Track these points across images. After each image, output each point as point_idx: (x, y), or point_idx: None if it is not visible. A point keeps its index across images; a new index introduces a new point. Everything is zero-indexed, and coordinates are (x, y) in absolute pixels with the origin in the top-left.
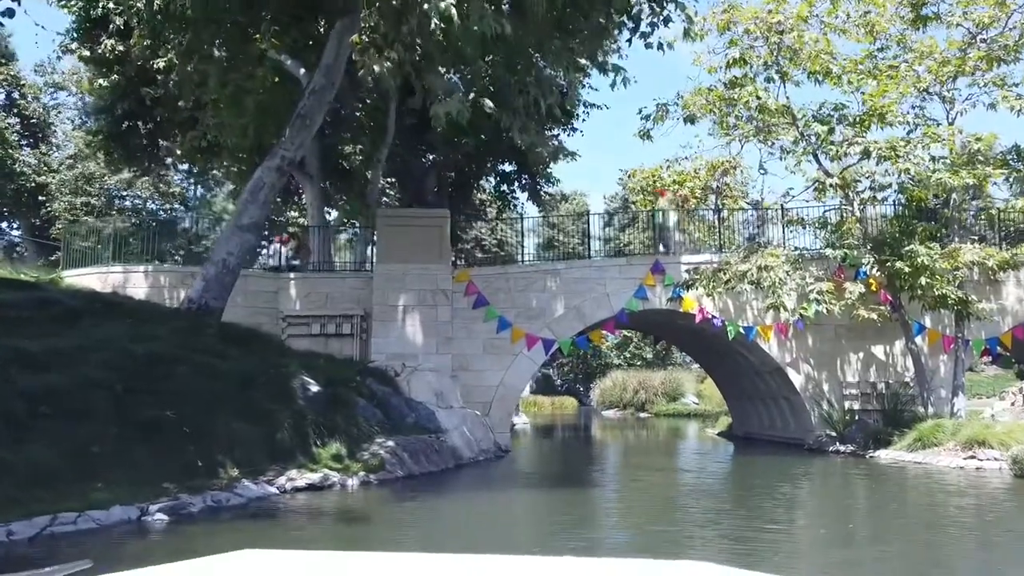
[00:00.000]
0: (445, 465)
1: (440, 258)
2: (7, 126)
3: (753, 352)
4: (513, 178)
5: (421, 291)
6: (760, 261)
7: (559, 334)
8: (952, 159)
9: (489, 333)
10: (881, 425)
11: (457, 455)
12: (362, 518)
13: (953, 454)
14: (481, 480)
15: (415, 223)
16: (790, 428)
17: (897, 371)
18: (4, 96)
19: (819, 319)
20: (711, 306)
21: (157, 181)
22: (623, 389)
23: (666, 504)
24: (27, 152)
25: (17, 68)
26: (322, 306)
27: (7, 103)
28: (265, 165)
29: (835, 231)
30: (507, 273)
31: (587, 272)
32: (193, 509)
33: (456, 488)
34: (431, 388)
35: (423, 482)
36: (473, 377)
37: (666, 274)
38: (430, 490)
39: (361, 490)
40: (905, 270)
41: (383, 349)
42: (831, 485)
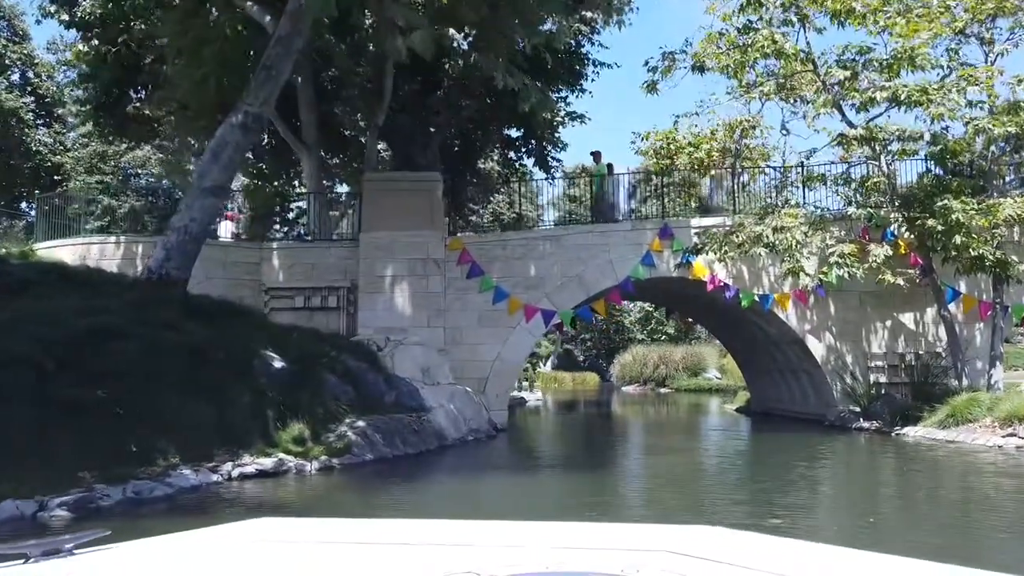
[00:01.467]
0: (426, 447)
1: (432, 225)
2: (21, 105)
3: (770, 322)
4: (520, 144)
5: (411, 260)
6: (776, 222)
7: (560, 305)
8: (991, 103)
9: (485, 304)
10: (909, 400)
11: (441, 435)
12: (301, 510)
13: (990, 431)
14: (461, 463)
15: (404, 188)
16: (810, 403)
17: (928, 341)
18: (19, 75)
19: (842, 286)
20: (724, 273)
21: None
22: (643, 364)
23: (668, 492)
24: (43, 132)
25: (31, 47)
26: (307, 278)
27: (21, 82)
28: (228, 122)
29: (860, 187)
30: (504, 240)
31: (589, 238)
32: (106, 502)
33: (429, 473)
34: (416, 363)
35: (395, 466)
36: (467, 351)
37: (675, 239)
38: (398, 475)
39: (320, 476)
40: (938, 228)
41: (370, 323)
42: (855, 466)
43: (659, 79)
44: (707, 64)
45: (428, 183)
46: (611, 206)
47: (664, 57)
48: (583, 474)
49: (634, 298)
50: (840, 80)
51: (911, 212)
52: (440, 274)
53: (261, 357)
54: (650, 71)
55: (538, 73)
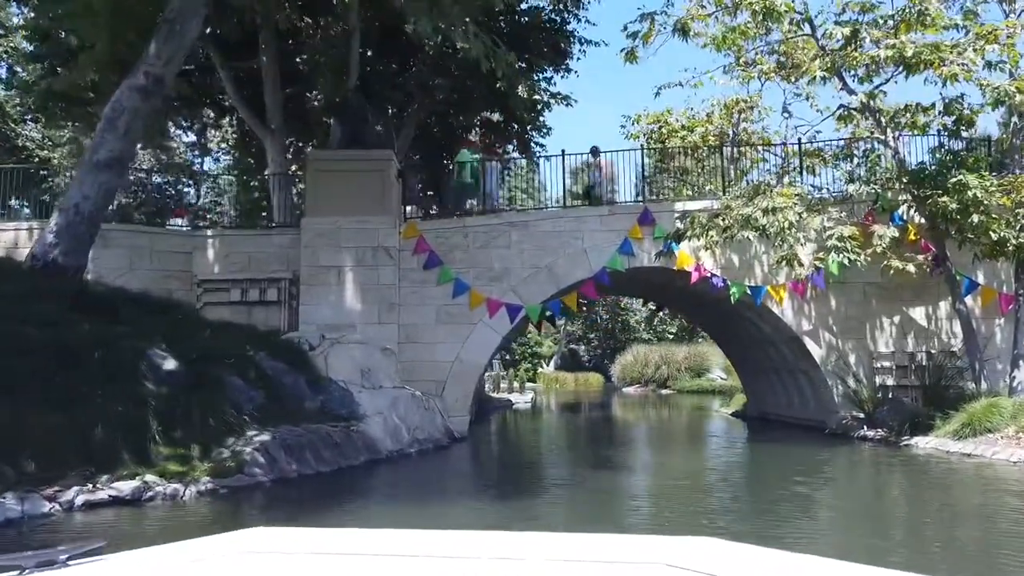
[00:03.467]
0: (349, 462)
1: (383, 209)
2: (6, 99)
3: (764, 318)
4: (502, 128)
5: (359, 249)
6: (767, 203)
7: (527, 299)
8: (1012, 64)
9: (443, 298)
10: (920, 405)
11: (372, 448)
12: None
13: (1014, 443)
14: (380, 484)
15: (352, 168)
16: (809, 408)
17: (941, 338)
18: (6, 69)
19: (843, 276)
20: (712, 263)
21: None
22: (644, 364)
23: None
24: (30, 127)
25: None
26: (244, 268)
27: (9, 76)
28: (125, 85)
29: (863, 160)
30: (465, 227)
31: (561, 224)
32: None
33: (329, 498)
34: (355, 364)
35: (295, 489)
36: (423, 351)
37: (657, 225)
38: (288, 502)
39: (199, 503)
40: (952, 207)
41: (312, 318)
42: (856, 484)
43: (638, 45)
44: (691, 27)
45: (379, 162)
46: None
47: (643, 18)
48: (528, 496)
49: (611, 292)
50: (840, 41)
51: (921, 190)
52: (393, 264)
53: (150, 358)
54: (629, 37)
55: (519, 50)
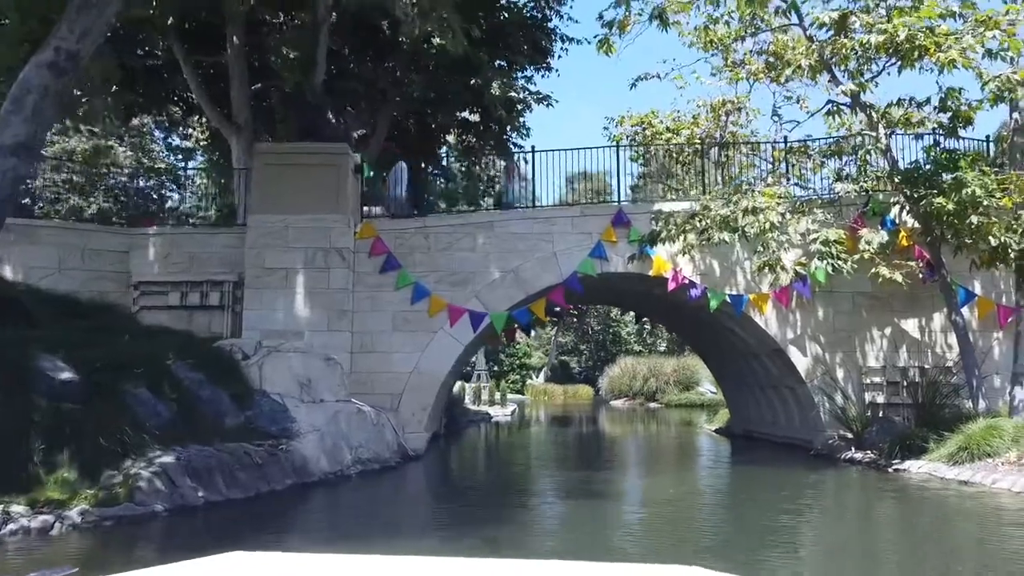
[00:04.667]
0: (273, 486)
1: (336, 207)
2: None
3: (747, 329)
4: (480, 128)
5: (309, 250)
6: (747, 203)
7: (492, 306)
8: (1014, 51)
9: (401, 304)
10: (912, 425)
11: (304, 470)
12: None
13: (1016, 471)
14: (304, 512)
15: (304, 162)
16: (795, 426)
17: (935, 353)
18: None
19: (832, 285)
20: (691, 269)
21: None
22: (633, 377)
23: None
24: None
25: None
26: (186, 270)
27: None
28: (34, 61)
29: (851, 156)
30: (426, 228)
31: (530, 226)
32: None
33: (233, 533)
34: (294, 375)
35: (199, 519)
36: (378, 361)
37: (632, 227)
38: (175, 539)
39: (70, 537)
40: (948, 208)
41: (257, 325)
42: (844, 516)
43: (615, 35)
44: (668, 16)
45: (334, 156)
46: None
47: (618, 3)
48: (474, 526)
49: (582, 300)
50: (829, 30)
51: (914, 190)
52: (346, 267)
53: (41, 368)
54: (605, 26)
55: (499, 48)
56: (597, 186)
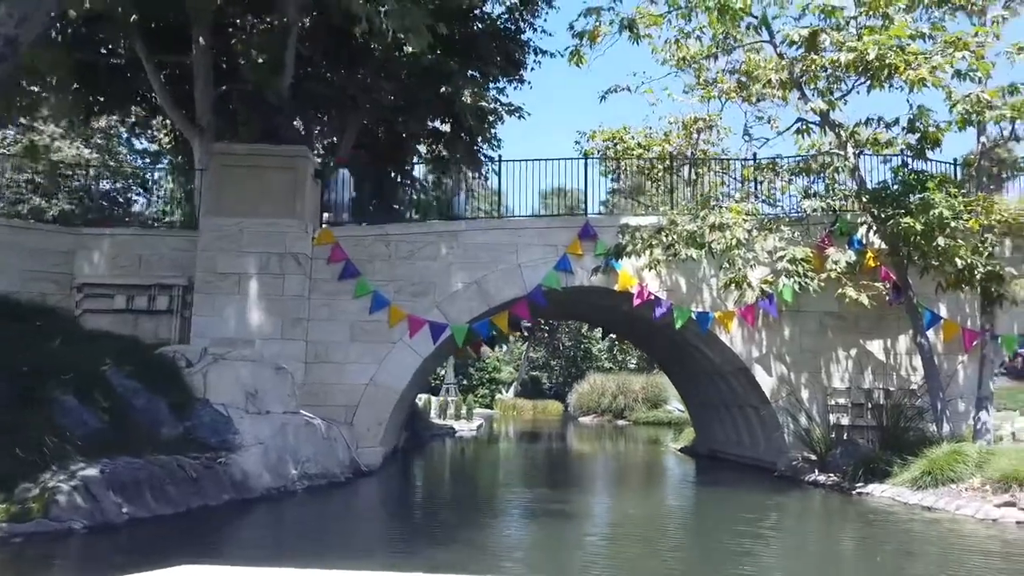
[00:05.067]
0: (208, 501)
1: (294, 212)
2: None
3: (712, 346)
4: (450, 139)
5: (264, 255)
6: (715, 218)
7: (453, 317)
8: (982, 73)
9: (359, 313)
10: (876, 448)
11: (244, 485)
12: None
13: (980, 497)
14: (238, 531)
15: (261, 164)
16: (759, 447)
17: (900, 375)
18: None
19: (799, 304)
20: (657, 284)
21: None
22: (601, 394)
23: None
24: None
25: None
26: (133, 272)
27: None
28: None
29: (819, 175)
30: (387, 235)
31: (495, 236)
32: None
33: (156, 553)
34: (241, 385)
35: (121, 537)
36: (333, 372)
37: (599, 240)
38: (89, 560)
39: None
40: (915, 228)
41: (206, 331)
42: (807, 541)
43: (585, 45)
44: (640, 27)
45: (292, 159)
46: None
47: (589, 13)
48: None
49: (548, 314)
50: (800, 48)
51: (882, 210)
52: (302, 273)
53: None
54: (575, 36)
55: (471, 58)
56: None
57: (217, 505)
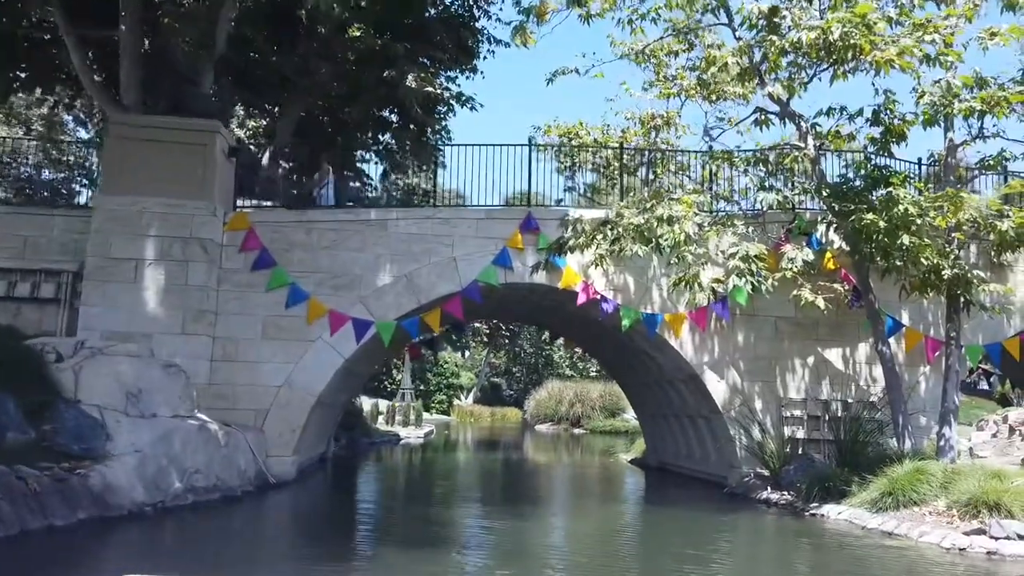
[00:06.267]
0: (53, 521)
1: (201, 192)
2: None
3: (661, 352)
4: (397, 129)
5: (166, 239)
6: (663, 211)
7: (380, 314)
8: (953, 59)
9: (274, 308)
10: (833, 465)
11: (106, 501)
12: None
13: (945, 522)
14: (72, 562)
15: (165, 138)
16: (710, 460)
17: (860, 386)
18: None
19: (754, 308)
20: (604, 283)
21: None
22: (559, 402)
23: None
24: None
25: None
26: (17, 256)
27: None
28: None
29: (777, 166)
30: (308, 221)
31: (428, 226)
32: None
33: None
34: (121, 384)
35: None
36: (243, 371)
37: (541, 233)
38: None
39: None
40: (879, 225)
41: (96, 323)
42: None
43: (531, 23)
44: (590, 5)
45: (201, 134)
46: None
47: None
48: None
49: (486, 313)
50: (758, 29)
51: (843, 205)
52: (208, 261)
53: None
54: (521, 12)
55: (420, 43)
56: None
57: (66, 525)
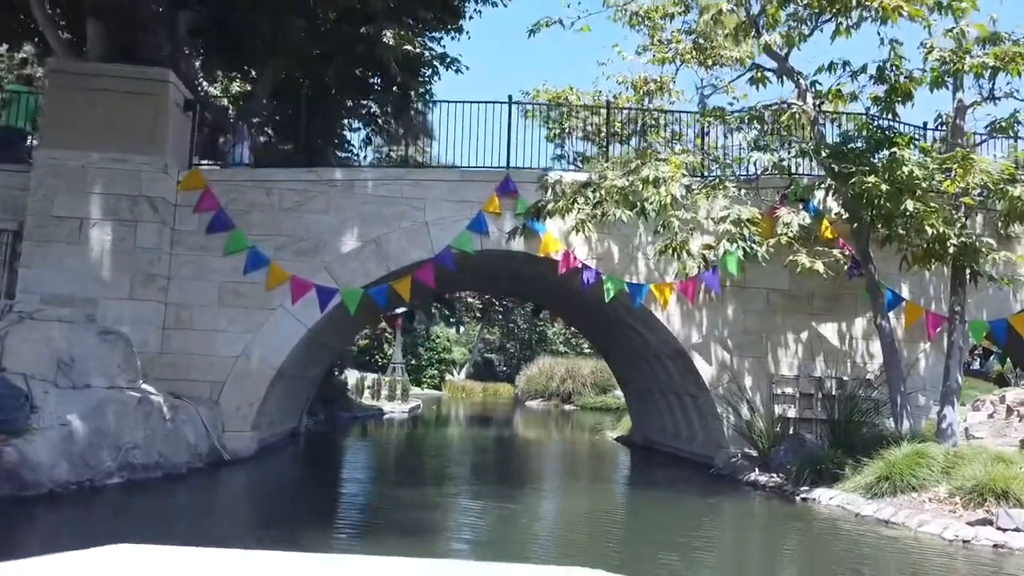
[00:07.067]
0: None
1: (151, 147)
2: None
3: (647, 325)
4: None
5: (113, 197)
6: (648, 171)
7: (345, 281)
8: (968, 3)
9: (231, 273)
10: (826, 446)
11: (21, 478)
12: None
13: (948, 510)
14: None
15: (112, 87)
16: (696, 439)
17: (855, 363)
18: None
19: (746, 279)
20: (586, 251)
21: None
22: (550, 378)
23: None
24: None
25: None
26: None
27: None
28: None
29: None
30: (270, 181)
31: (399, 188)
32: None
33: None
34: (52, 352)
35: None
36: (198, 341)
37: (520, 197)
38: None
39: None
40: (881, 188)
41: (36, 286)
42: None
43: None
44: None
45: (151, 83)
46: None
47: None
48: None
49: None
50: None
51: (843, 166)
52: (159, 221)
53: None
54: None
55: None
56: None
57: None
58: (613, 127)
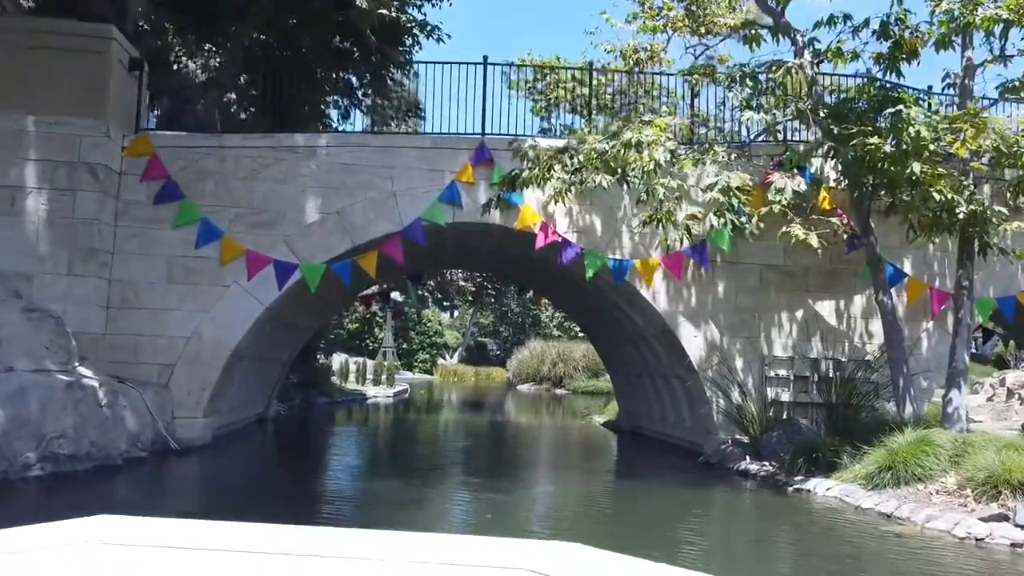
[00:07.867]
0: None
1: (92, 109)
2: None
3: (633, 304)
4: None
5: (50, 164)
6: (631, 135)
7: (305, 256)
8: None
9: (181, 247)
10: (822, 433)
11: None
12: None
13: (958, 505)
14: None
15: (49, 43)
16: (685, 425)
17: (854, 343)
18: None
19: (737, 254)
20: (566, 225)
21: None
22: (541, 361)
23: None
24: None
25: None
26: None
27: None
28: None
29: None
30: (223, 148)
31: (364, 155)
32: None
33: None
34: None
35: None
36: (146, 321)
37: (497, 166)
38: None
39: None
40: (884, 151)
41: None
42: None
43: None
44: None
45: (93, 40)
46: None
47: None
48: None
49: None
50: None
51: (843, 127)
52: (101, 190)
53: None
54: None
55: None
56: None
57: None
58: (603, 99)
